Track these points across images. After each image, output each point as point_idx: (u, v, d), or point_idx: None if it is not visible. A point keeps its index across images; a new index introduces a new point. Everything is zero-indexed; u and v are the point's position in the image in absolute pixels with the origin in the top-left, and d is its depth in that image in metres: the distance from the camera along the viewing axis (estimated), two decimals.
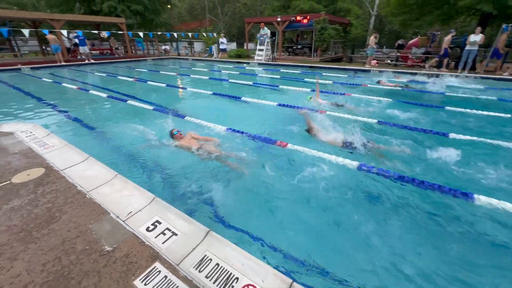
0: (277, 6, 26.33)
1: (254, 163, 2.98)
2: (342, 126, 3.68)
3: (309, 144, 3.38)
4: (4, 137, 3.08)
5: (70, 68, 12.39)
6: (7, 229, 1.62)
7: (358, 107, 5.30)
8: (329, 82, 8.30)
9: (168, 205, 1.81)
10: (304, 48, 17.62)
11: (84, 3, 20.50)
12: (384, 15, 24.88)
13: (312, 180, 2.64)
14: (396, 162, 3.01)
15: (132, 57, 17.21)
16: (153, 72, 11.51)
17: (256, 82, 8.24)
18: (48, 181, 2.15)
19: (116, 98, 6.09)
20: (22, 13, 14.72)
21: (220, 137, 3.63)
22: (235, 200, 2.34)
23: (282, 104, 5.36)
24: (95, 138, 3.83)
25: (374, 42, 11.44)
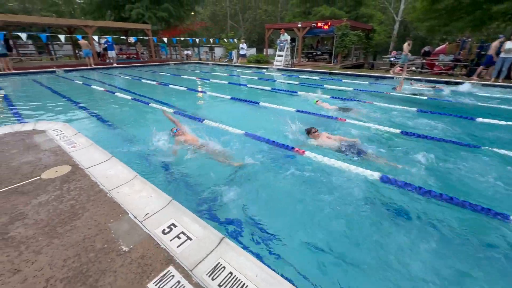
0: (298, 12, 26.36)
1: (271, 169, 2.94)
2: (343, 131, 3.61)
3: (328, 153, 3.29)
4: (37, 135, 3.29)
5: (99, 71, 13.16)
6: (34, 223, 1.71)
7: (367, 112, 5.19)
8: (349, 89, 8.10)
9: (184, 209, 1.82)
10: (324, 54, 17.43)
11: (114, 11, 21.84)
12: (409, 21, 24.08)
13: (331, 190, 2.55)
14: (420, 174, 2.84)
15: (156, 62, 17.96)
16: (175, 76, 11.89)
17: (275, 88, 8.23)
18: (73, 178, 2.25)
19: (139, 101, 6.34)
20: (60, 20, 15.95)
21: (238, 141, 3.64)
22: (250, 207, 2.31)
23: (301, 110, 5.29)
24: (118, 138, 3.99)
25: (408, 49, 10.87)
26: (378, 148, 3.48)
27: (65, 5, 33.93)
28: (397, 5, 26.52)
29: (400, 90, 7.49)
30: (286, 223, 2.17)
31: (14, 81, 9.99)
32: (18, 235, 1.59)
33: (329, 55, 16.73)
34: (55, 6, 34.47)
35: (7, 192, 2.05)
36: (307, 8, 25.31)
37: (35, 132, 3.43)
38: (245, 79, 10.98)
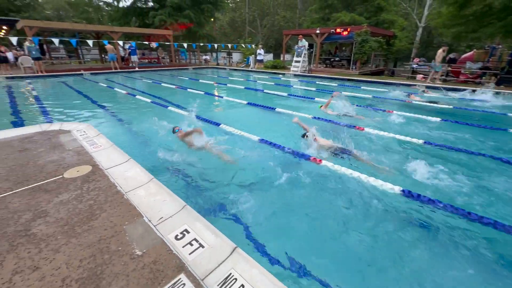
0: (317, 18, 26.26)
1: (286, 178, 2.88)
2: (335, 133, 3.81)
3: (345, 163, 3.18)
4: (62, 135, 3.46)
5: (122, 75, 13.77)
6: (55, 221, 1.76)
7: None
8: (368, 96, 7.88)
9: (198, 215, 1.81)
10: (342, 60, 17.18)
11: (139, 17, 22.91)
12: (433, 27, 23.23)
13: (348, 201, 2.45)
14: (445, 189, 2.66)
15: (176, 66, 18.53)
16: (193, 80, 12.18)
17: (291, 93, 8.18)
18: (93, 178, 2.32)
19: (158, 104, 6.53)
20: (89, 26, 16.95)
21: (253, 148, 3.63)
22: (264, 217, 2.26)
23: (317, 117, 5.20)
24: (136, 140, 4.11)
25: (442, 56, 10.17)
26: (400, 159, 3.31)
27: (95, 12, 36.10)
28: (420, 11, 25.71)
29: (414, 98, 7.23)
30: (301, 235, 2.09)
31: (45, 83, 10.68)
32: (39, 232, 1.65)
33: (348, 61, 16.46)
34: (86, 13, 36.76)
35: (33, 189, 2.14)
36: (325, 14, 25.17)
37: (61, 132, 3.60)
38: (261, 84, 11.03)
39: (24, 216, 1.80)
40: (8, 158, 2.72)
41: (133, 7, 23.83)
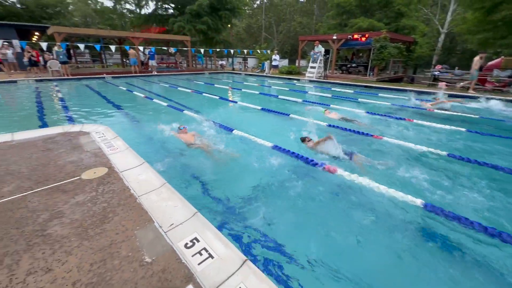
0: (333, 24, 26.07)
1: (300, 187, 2.81)
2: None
3: (360, 172, 3.05)
4: (82, 136, 3.58)
5: (141, 78, 14.26)
6: (70, 222, 1.79)
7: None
8: (386, 103, 7.62)
9: (208, 223, 1.78)
10: (359, 66, 16.86)
11: (159, 24, 23.79)
12: (457, 33, 22.34)
13: (365, 214, 2.33)
14: (472, 206, 2.47)
15: (192, 71, 18.97)
16: (209, 85, 12.38)
17: (306, 100, 8.08)
18: (108, 181, 2.37)
19: (174, 108, 6.66)
20: (113, 32, 17.79)
21: (266, 154, 3.58)
22: (276, 228, 2.19)
23: (332, 125, 5.07)
24: (150, 143, 4.18)
25: (480, 64, 9.47)
26: (421, 171, 3.14)
27: (118, 19, 37.93)
28: (443, 16, 24.86)
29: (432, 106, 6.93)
30: (315, 249, 2.00)
31: (70, 85, 11.26)
32: (55, 233, 1.68)
33: (365, 67, 16.12)
34: (110, 20, 38.72)
35: (51, 189, 2.21)
36: (343, 20, 24.93)
37: (81, 133, 3.74)
38: (276, 90, 11.01)
39: (41, 216, 1.85)
40: (32, 158, 2.84)
41: (154, 14, 24.83)
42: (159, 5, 24.71)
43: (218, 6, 22.88)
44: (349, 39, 14.79)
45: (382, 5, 22.93)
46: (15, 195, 2.11)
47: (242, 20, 38.77)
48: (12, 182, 2.30)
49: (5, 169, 2.54)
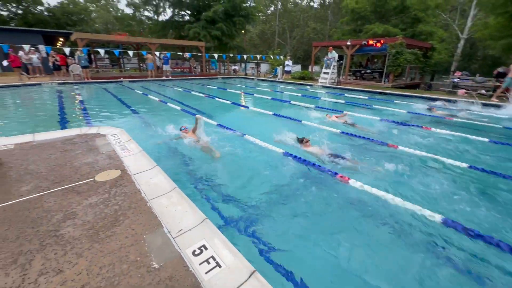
0: (348, 30, 25.85)
1: (311, 196, 2.74)
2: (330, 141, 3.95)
3: (379, 182, 2.94)
4: (98, 138, 3.69)
5: (156, 83, 14.66)
6: (82, 224, 1.82)
7: (369, 127, 5.42)
8: (402, 111, 7.39)
9: (217, 230, 1.75)
10: (373, 72, 16.56)
11: (175, 30, 24.52)
12: (478, 39, 21.54)
13: (380, 227, 2.23)
14: (496, 223, 2.31)
15: (206, 75, 19.32)
16: (221, 90, 12.53)
17: (318, 106, 7.99)
18: (121, 183, 2.40)
19: (187, 112, 6.77)
20: (131, 38, 18.47)
21: (277, 161, 3.54)
22: (285, 239, 2.14)
23: (346, 133, 4.96)
24: (162, 147, 4.24)
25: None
26: (440, 184, 2.99)
27: (137, 26, 39.46)
28: (463, 22, 24.07)
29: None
30: (326, 262, 1.93)
31: (89, 88, 11.73)
32: (67, 234, 1.71)
33: (380, 73, 15.81)
34: (129, 26, 40.33)
35: (66, 190, 2.27)
36: (357, 26, 24.68)
37: (97, 135, 3.85)
38: (288, 95, 10.97)
39: (56, 216, 1.90)
40: (50, 158, 2.95)
41: (171, 20, 25.64)
42: (176, 12, 25.50)
43: (233, 13, 23.33)
44: (363, 45, 14.59)
45: (398, 10, 22.54)
46: (33, 194, 2.18)
47: (256, 26, 39.22)
48: (31, 182, 2.39)
49: (25, 169, 2.64)
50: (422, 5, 20.82)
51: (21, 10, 29.06)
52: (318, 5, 40.19)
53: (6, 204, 2.04)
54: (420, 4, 20.84)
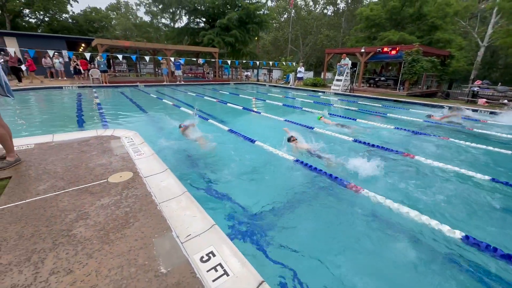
0: (362, 37, 25.63)
1: (321, 205, 2.67)
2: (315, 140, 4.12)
3: (394, 193, 2.83)
4: (113, 140, 3.79)
5: (170, 87, 15.02)
6: (93, 225, 1.85)
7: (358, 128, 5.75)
8: (418, 120, 7.17)
9: (225, 237, 1.73)
10: (388, 80, 16.24)
11: (190, 36, 25.18)
12: (499, 47, 20.76)
13: (394, 241, 2.13)
14: None
15: (218, 81, 19.61)
16: (233, 95, 12.65)
17: (331, 113, 7.89)
18: (132, 185, 2.44)
19: (200, 116, 6.86)
20: (148, 44, 19.11)
21: (287, 168, 3.50)
22: (294, 248, 2.08)
23: (359, 141, 4.85)
24: (174, 150, 4.29)
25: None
26: (460, 198, 2.84)
27: (154, 32, 40.90)
28: (483, 29, 23.31)
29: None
30: (336, 275, 1.85)
31: (107, 92, 12.17)
32: (79, 234, 1.74)
33: (394, 81, 15.49)
34: (147, 33, 41.85)
35: (80, 190, 2.32)
36: (372, 33, 24.43)
37: (112, 137, 3.95)
38: (300, 102, 10.93)
39: (69, 216, 1.94)
40: (67, 158, 3.04)
41: (187, 27, 26.38)
42: (191, 19, 26.25)
43: (247, 20, 23.72)
44: (378, 52, 14.38)
45: (414, 18, 22.16)
46: (49, 193, 2.24)
47: (269, 33, 39.65)
48: (48, 181, 2.46)
49: (43, 168, 2.74)
50: (440, 13, 20.36)
51: (48, 17, 30.87)
52: (332, 13, 40.18)
53: (24, 201, 2.11)
54: (438, 12, 20.40)
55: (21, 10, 28.16)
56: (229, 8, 23.92)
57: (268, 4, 26.85)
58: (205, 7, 23.73)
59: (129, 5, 47.17)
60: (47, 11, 29.67)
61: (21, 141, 3.58)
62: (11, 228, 1.77)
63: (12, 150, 2.80)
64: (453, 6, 20.79)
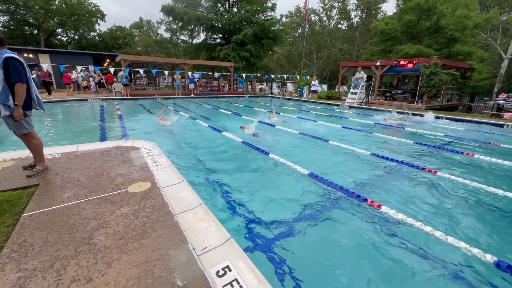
0: (377, 50, 25.52)
1: (337, 221, 2.59)
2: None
3: (419, 213, 2.70)
4: (133, 151, 3.93)
5: (186, 100, 15.50)
6: (113, 233, 1.90)
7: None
8: (439, 134, 6.89)
9: (241, 251, 1.71)
10: (405, 93, 15.89)
11: (207, 51, 26.21)
12: None
13: (418, 264, 2.01)
14: None
15: (233, 94, 20.05)
16: (248, 108, 12.83)
17: (346, 126, 7.78)
18: (150, 196, 2.49)
19: (214, 129, 6.99)
20: (167, 59, 20.05)
21: (302, 182, 3.45)
22: (310, 266, 2.01)
23: (376, 154, 4.72)
24: (190, 162, 4.37)
25: None
26: (491, 219, 2.65)
27: (173, 48, 43.02)
28: (506, 41, 22.54)
29: None
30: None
31: (127, 104, 12.76)
32: (99, 243, 1.78)
33: (412, 94, 15.12)
34: (166, 48, 44.08)
35: (101, 199, 2.40)
36: (387, 47, 24.29)
37: (132, 148, 4.10)
38: (314, 115, 10.88)
39: (90, 224, 2.00)
40: (90, 168, 3.18)
41: (204, 43, 27.54)
42: (208, 35, 27.42)
43: (262, 35, 24.43)
44: (394, 65, 14.19)
45: (431, 31, 21.86)
46: (72, 201, 2.34)
47: (283, 48, 40.44)
48: (72, 189, 2.57)
49: (68, 177, 2.87)
50: (459, 25, 19.97)
51: (77, 35, 33.41)
52: (346, 27, 40.49)
53: (49, 208, 2.21)
54: (456, 25, 20.03)
55: (55, 29, 30.72)
56: (244, 24, 24.79)
57: (282, 20, 27.54)
58: (221, 24, 24.74)
59: (151, 23, 50.24)
60: (77, 30, 32.17)
61: (48, 150, 3.80)
62: (37, 234, 1.85)
63: (43, 160, 2.97)
64: (473, 18, 20.37)
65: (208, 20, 24.05)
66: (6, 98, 2.53)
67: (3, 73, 2.49)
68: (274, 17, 26.81)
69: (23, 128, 2.77)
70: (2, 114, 2.59)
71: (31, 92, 2.76)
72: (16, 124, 2.70)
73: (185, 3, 25.58)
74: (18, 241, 1.77)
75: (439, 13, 20.48)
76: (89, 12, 31.90)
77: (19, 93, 2.56)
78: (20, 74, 2.56)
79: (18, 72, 2.54)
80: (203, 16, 23.66)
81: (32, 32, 29.85)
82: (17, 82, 2.54)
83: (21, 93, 2.57)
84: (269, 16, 26.54)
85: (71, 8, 29.72)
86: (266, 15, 26.41)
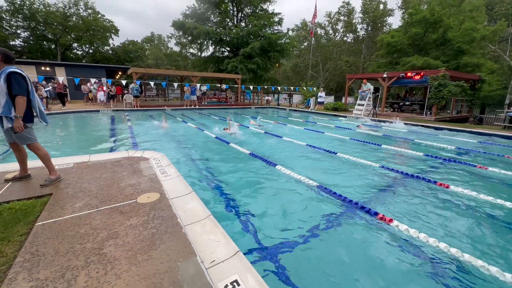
0: (383, 62, 25.63)
1: (347, 236, 2.53)
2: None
3: (436, 231, 2.62)
4: (142, 162, 3.99)
5: (194, 111, 15.78)
6: (122, 244, 1.91)
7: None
8: (450, 147, 6.76)
9: (250, 265, 1.69)
10: (413, 105, 15.77)
11: (215, 64, 26.89)
12: None
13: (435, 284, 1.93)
14: None
15: (240, 105, 20.31)
16: (254, 119, 12.95)
17: (353, 138, 7.73)
18: (159, 206, 2.51)
19: (221, 140, 7.06)
20: (177, 72, 20.65)
21: (310, 195, 3.41)
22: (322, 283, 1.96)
23: (386, 167, 4.65)
24: (197, 172, 4.40)
25: None
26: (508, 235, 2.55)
27: (182, 61, 44.32)
28: None
29: None
30: None
31: (137, 115, 13.07)
32: (109, 253, 1.80)
33: (420, 106, 14.99)
34: (176, 61, 45.46)
35: (112, 209, 2.44)
36: (394, 59, 24.38)
37: (142, 158, 4.18)
38: (321, 126, 10.88)
39: (100, 234, 2.02)
40: (101, 178, 3.25)
41: (212, 56, 28.31)
42: (217, 49, 28.23)
43: (269, 48, 24.98)
44: (401, 77, 14.19)
45: (438, 43, 21.90)
46: (83, 211, 2.38)
47: (290, 60, 41.09)
48: (83, 199, 2.62)
49: (79, 187, 2.93)
50: (467, 38, 19.97)
51: (92, 49, 34.92)
52: (352, 40, 41.00)
53: (61, 218, 2.25)
54: (464, 37, 20.04)
55: (71, 44, 32.25)
56: (252, 38, 25.44)
57: (289, 34, 28.17)
58: (230, 38, 25.47)
59: (162, 37, 52.19)
60: (92, 44, 33.70)
61: (61, 160, 3.91)
62: (49, 244, 1.88)
63: (53, 169, 3.05)
64: (480, 31, 20.36)
65: (217, 34, 24.82)
66: (8, 111, 2.66)
67: (6, 87, 2.62)
68: (281, 31, 27.49)
69: (25, 139, 2.87)
70: (5, 126, 2.71)
71: (33, 106, 2.89)
72: (18, 135, 2.80)
73: (195, 19, 26.55)
74: (31, 250, 1.80)
75: (445, 26, 20.59)
76: (104, 27, 33.51)
77: (19, 105, 2.67)
78: (22, 87, 2.69)
79: (19, 85, 2.67)
80: (212, 31, 24.45)
81: (50, 47, 31.42)
82: (18, 95, 2.66)
83: (21, 105, 2.69)
84: (276, 30, 27.22)
85: (87, 24, 31.31)
86: (273, 29, 27.11)
